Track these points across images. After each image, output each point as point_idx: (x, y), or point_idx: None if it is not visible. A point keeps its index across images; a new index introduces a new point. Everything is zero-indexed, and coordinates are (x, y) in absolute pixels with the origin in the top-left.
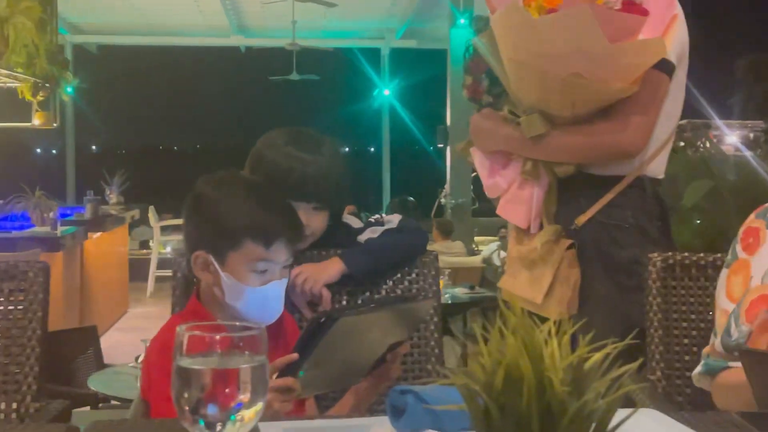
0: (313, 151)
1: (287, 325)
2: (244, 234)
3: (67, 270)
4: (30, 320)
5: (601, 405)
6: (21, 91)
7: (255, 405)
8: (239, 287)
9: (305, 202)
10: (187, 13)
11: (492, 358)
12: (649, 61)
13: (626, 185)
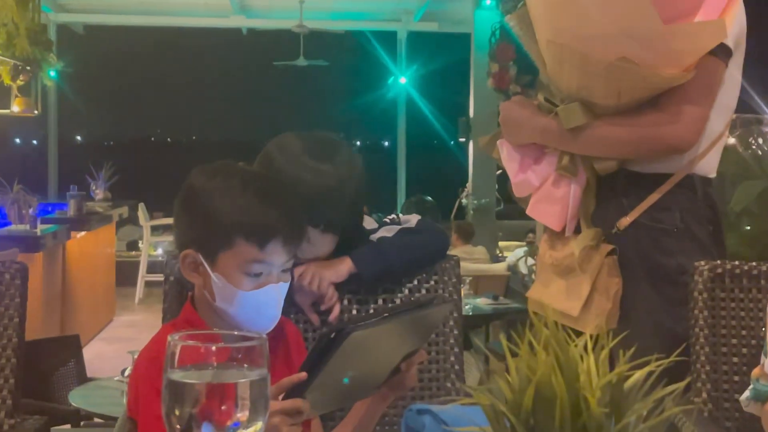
0: (328, 161)
1: (289, 333)
2: (236, 231)
3: (48, 273)
4: (5, 327)
5: (643, 430)
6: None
7: (254, 424)
8: (230, 290)
9: (312, 226)
10: None
11: (521, 375)
12: (707, 46)
13: (674, 184)
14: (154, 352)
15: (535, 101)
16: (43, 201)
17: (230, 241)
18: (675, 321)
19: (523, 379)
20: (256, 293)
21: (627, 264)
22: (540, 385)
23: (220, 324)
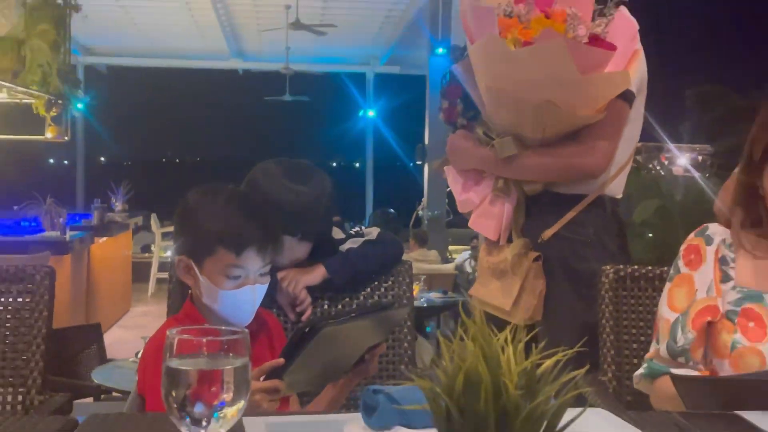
0: (304, 184)
1: (272, 325)
2: (217, 241)
3: (75, 271)
4: (36, 319)
5: (552, 406)
6: (36, 107)
7: (237, 403)
8: (213, 290)
9: (291, 234)
10: (190, 38)
11: (453, 363)
12: (615, 92)
13: (588, 203)
14: (159, 341)
15: (476, 134)
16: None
17: (213, 249)
18: (587, 314)
19: (455, 366)
20: (235, 292)
21: (550, 268)
22: (468, 372)
23: (212, 318)
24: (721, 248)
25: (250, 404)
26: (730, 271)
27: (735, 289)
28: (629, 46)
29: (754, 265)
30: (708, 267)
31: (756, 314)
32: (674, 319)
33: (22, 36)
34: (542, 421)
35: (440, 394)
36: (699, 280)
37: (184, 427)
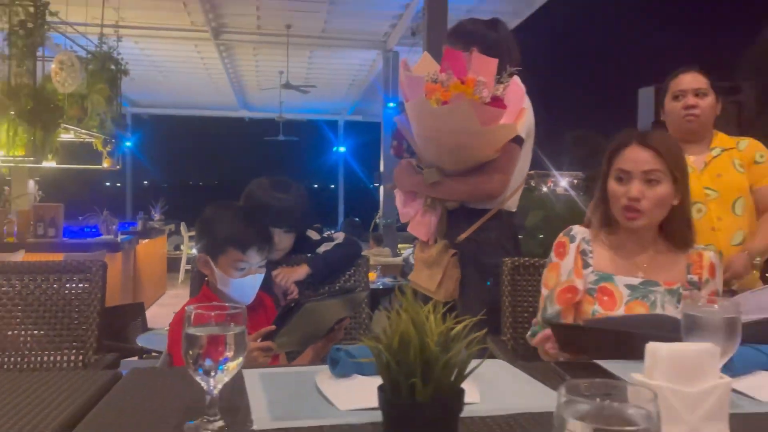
0: (286, 193)
1: (267, 303)
2: (227, 243)
3: (124, 264)
4: (92, 300)
5: (462, 357)
6: (95, 144)
7: (237, 359)
8: (225, 279)
9: (278, 227)
10: (209, 94)
11: (392, 327)
12: (506, 139)
13: (491, 215)
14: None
15: (413, 166)
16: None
17: (225, 249)
18: (491, 294)
19: (393, 330)
20: (241, 280)
21: (464, 261)
22: (401, 334)
23: (224, 298)
24: (581, 244)
25: (248, 359)
26: (590, 260)
27: (593, 273)
28: (519, 105)
29: (607, 255)
30: (570, 258)
31: (609, 290)
32: (547, 293)
33: (85, 92)
34: (455, 368)
35: (382, 350)
36: (563, 267)
37: (198, 377)
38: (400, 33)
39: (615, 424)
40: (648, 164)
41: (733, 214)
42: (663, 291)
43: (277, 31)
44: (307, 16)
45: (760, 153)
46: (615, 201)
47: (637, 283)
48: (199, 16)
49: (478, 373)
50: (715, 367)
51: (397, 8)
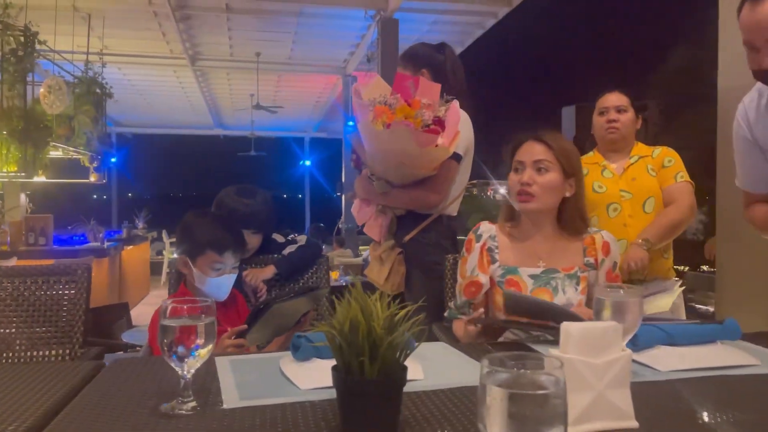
0: (250, 197)
1: (239, 301)
2: (206, 246)
3: (111, 268)
4: (78, 299)
5: (405, 338)
6: (82, 160)
7: (207, 346)
8: (203, 278)
9: (246, 228)
10: (187, 114)
11: (343, 314)
12: (441, 159)
13: (433, 220)
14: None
15: (367, 176)
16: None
17: (203, 251)
18: (434, 287)
19: (344, 316)
20: (217, 279)
21: (409, 258)
22: (351, 319)
23: (200, 295)
24: (488, 242)
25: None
26: (496, 255)
27: (500, 267)
28: (455, 128)
29: (511, 249)
30: (474, 255)
31: (515, 282)
32: (459, 284)
33: (72, 113)
34: (398, 348)
35: (335, 334)
36: (470, 262)
37: (172, 363)
38: (358, 59)
39: (529, 389)
40: (539, 155)
41: (644, 212)
42: (563, 276)
43: (247, 58)
44: (275, 45)
45: (669, 158)
46: (511, 189)
47: (539, 273)
48: (177, 45)
49: (423, 354)
50: (619, 342)
51: (355, 38)
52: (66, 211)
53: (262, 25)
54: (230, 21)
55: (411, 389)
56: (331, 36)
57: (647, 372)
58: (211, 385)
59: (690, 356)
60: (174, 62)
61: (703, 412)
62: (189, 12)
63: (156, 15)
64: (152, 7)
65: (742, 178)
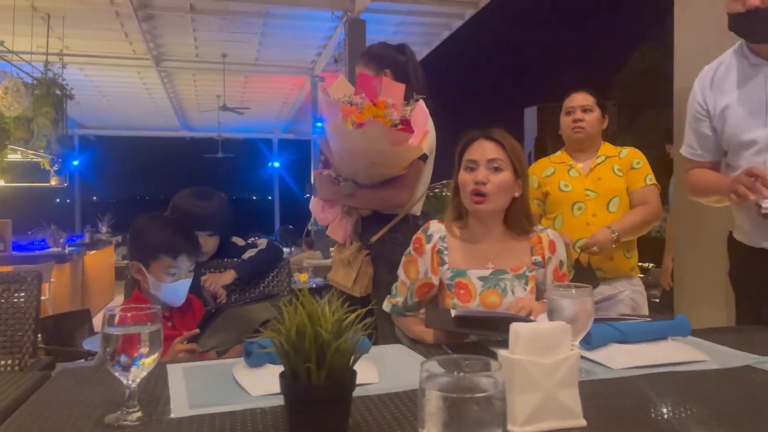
0: (206, 200)
1: (195, 306)
2: (159, 250)
3: (73, 274)
4: (28, 307)
5: (354, 342)
6: (42, 163)
7: (153, 355)
8: (157, 283)
9: (202, 231)
10: (152, 116)
11: (291, 320)
12: (413, 158)
13: (399, 219)
14: None
15: (332, 177)
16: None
17: (157, 256)
18: None
19: (291, 322)
20: (172, 284)
21: (376, 259)
22: (298, 324)
23: (155, 301)
24: (438, 243)
25: (175, 358)
26: (445, 257)
27: (449, 270)
28: (423, 127)
29: (460, 250)
30: (426, 257)
31: (464, 284)
32: (408, 284)
33: (31, 115)
34: (347, 352)
35: (281, 340)
36: (421, 264)
37: (115, 372)
38: (326, 60)
39: (466, 392)
40: (493, 153)
41: (608, 212)
42: (511, 277)
43: (214, 59)
44: (241, 46)
45: (637, 160)
46: (464, 188)
47: (487, 274)
48: (140, 45)
49: (380, 357)
50: (567, 341)
51: (322, 39)
52: (26, 216)
53: (228, 25)
54: (195, 21)
55: (364, 393)
56: (298, 37)
57: (600, 370)
58: (162, 393)
59: (641, 353)
60: (138, 63)
61: (651, 409)
62: (152, 12)
63: (118, 15)
64: (114, 7)
65: (686, 144)
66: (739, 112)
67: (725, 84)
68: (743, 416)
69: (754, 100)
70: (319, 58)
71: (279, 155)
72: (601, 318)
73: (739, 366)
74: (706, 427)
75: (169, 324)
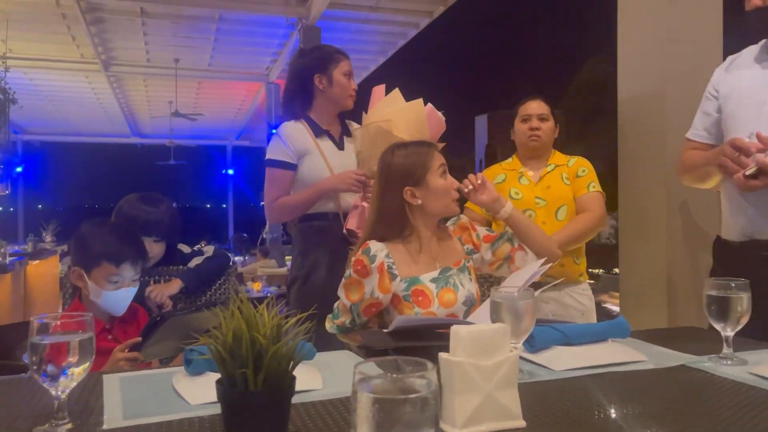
0: (153, 205)
1: (140, 317)
2: (102, 257)
3: (14, 285)
4: None
5: (292, 348)
6: None
7: (83, 364)
8: (99, 291)
9: (148, 236)
10: (101, 122)
11: (228, 325)
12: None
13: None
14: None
15: None
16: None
17: (99, 262)
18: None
19: (229, 327)
20: (115, 293)
21: None
22: (234, 330)
23: (96, 310)
24: (385, 261)
25: (115, 368)
26: (395, 271)
27: (402, 281)
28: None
29: (408, 261)
30: (373, 278)
31: (420, 291)
32: (350, 305)
33: None
34: (285, 358)
35: (217, 346)
36: (367, 285)
37: (44, 383)
38: (281, 67)
39: (398, 393)
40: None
41: (556, 220)
42: (456, 272)
43: (165, 64)
44: (194, 51)
45: (583, 168)
46: (447, 193)
47: (437, 275)
48: (88, 49)
49: (326, 363)
50: (507, 343)
51: (277, 46)
52: None
53: (180, 30)
54: (146, 26)
55: (306, 399)
56: (252, 43)
57: (543, 372)
58: (95, 404)
59: (582, 355)
60: (85, 67)
61: (590, 408)
62: (101, 15)
63: (65, 17)
64: (60, 9)
65: (692, 127)
66: (743, 96)
67: (739, 69)
68: (678, 413)
69: (758, 89)
70: (274, 65)
71: (233, 162)
72: (544, 320)
73: (674, 365)
74: (643, 425)
75: (110, 336)
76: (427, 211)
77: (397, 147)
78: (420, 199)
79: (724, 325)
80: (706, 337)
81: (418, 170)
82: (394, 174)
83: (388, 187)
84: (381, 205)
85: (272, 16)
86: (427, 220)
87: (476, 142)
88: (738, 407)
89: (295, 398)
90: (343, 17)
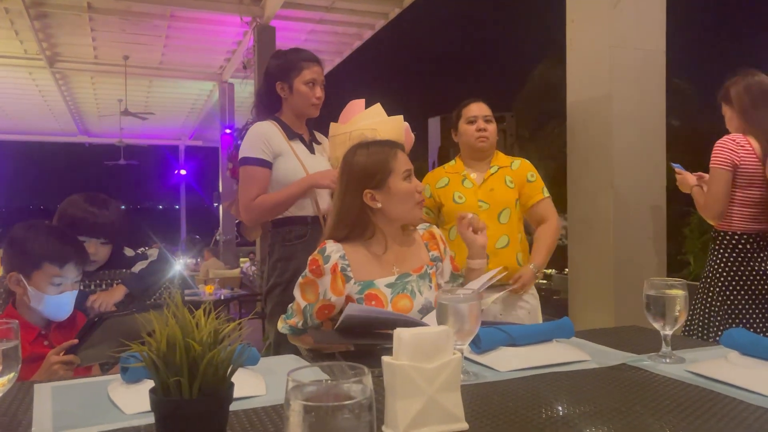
0: (101, 207)
1: (79, 320)
2: (43, 259)
3: None
4: None
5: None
6: None
7: (8, 374)
8: (40, 296)
9: (95, 238)
10: (46, 120)
11: (161, 332)
12: None
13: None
14: None
15: None
16: None
17: (40, 264)
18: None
19: (162, 334)
20: (57, 297)
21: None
22: (168, 336)
23: (35, 317)
24: (339, 262)
25: (50, 373)
26: (350, 273)
27: (356, 284)
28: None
29: (365, 263)
30: (326, 278)
31: (374, 295)
32: (304, 306)
33: None
34: (222, 364)
35: (150, 352)
36: (321, 286)
37: None
38: (234, 66)
39: (331, 400)
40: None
41: (498, 223)
42: (415, 278)
43: (114, 61)
44: (144, 48)
45: (531, 173)
46: (412, 197)
47: (394, 280)
48: (32, 44)
49: (270, 368)
50: (450, 346)
51: (231, 45)
52: None
53: (130, 26)
54: (93, 21)
55: (248, 406)
56: (205, 41)
57: (488, 373)
58: (24, 416)
59: (527, 355)
60: (29, 63)
61: (533, 408)
62: (45, 10)
63: (7, 11)
64: (3, 4)
65: None
66: None
67: None
68: (619, 411)
69: None
70: (228, 64)
71: (186, 163)
72: (489, 322)
73: (616, 364)
74: (585, 424)
75: (45, 342)
76: (388, 215)
77: (360, 147)
78: (380, 203)
79: (662, 324)
80: (647, 336)
81: (379, 172)
82: (354, 175)
83: (349, 189)
84: (341, 206)
85: (226, 14)
86: (390, 223)
87: (429, 144)
88: (675, 404)
89: (237, 405)
90: (298, 17)
